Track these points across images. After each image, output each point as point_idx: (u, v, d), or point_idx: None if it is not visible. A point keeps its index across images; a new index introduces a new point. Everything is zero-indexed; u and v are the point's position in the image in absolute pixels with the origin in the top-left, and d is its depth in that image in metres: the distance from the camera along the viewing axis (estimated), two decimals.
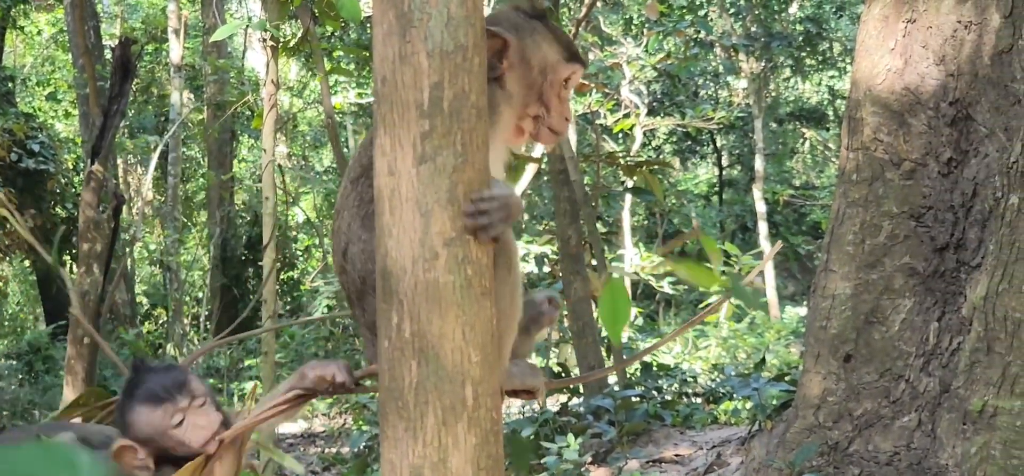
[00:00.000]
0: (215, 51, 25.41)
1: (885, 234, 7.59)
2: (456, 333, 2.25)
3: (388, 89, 2.26)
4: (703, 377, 14.81)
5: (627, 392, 11.30)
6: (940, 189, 7.50)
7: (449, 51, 2.23)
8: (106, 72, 16.32)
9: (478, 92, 2.28)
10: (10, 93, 21.35)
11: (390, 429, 2.30)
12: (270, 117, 10.41)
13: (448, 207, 2.23)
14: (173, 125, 22.91)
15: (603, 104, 21.07)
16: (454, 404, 2.25)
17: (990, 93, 7.23)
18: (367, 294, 2.76)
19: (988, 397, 6.58)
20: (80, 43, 17.31)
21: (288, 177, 28.60)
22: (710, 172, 37.58)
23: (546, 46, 2.91)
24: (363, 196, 2.77)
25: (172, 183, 24.49)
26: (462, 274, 2.24)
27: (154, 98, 28.12)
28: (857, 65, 7.94)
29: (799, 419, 7.91)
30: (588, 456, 9.99)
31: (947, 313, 7.40)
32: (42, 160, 19.48)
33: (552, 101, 2.93)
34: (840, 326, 7.70)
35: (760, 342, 20.81)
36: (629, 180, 17.91)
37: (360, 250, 2.75)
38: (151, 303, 27.77)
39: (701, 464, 9.20)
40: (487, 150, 2.31)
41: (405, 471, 2.28)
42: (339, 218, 2.84)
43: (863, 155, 7.73)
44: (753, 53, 25.89)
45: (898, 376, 7.48)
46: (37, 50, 31.81)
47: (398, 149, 2.24)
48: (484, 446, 2.29)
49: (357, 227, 2.76)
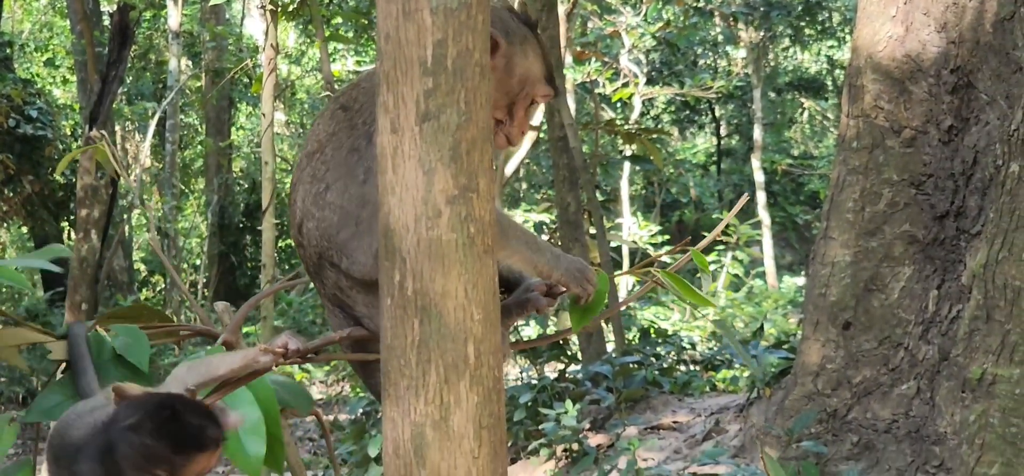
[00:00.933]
0: (213, 18, 25.35)
1: (885, 202, 7.59)
2: (458, 291, 2.24)
3: (391, 46, 2.24)
4: (701, 345, 14.83)
5: (625, 359, 11.31)
6: (940, 157, 7.50)
7: (453, 9, 2.22)
8: (104, 38, 16.27)
9: (482, 50, 2.27)
10: (8, 59, 21.29)
11: (392, 387, 2.30)
12: (269, 81, 10.40)
13: (451, 165, 2.22)
14: (171, 92, 22.85)
15: (602, 73, 21.04)
16: (456, 362, 2.25)
17: (991, 61, 7.22)
18: (324, 268, 2.78)
19: (987, 365, 6.58)
20: (78, 9, 17.28)
21: (286, 145, 28.60)
22: (709, 141, 37.54)
23: (533, 60, 2.90)
24: (316, 173, 2.77)
25: (170, 150, 24.46)
26: (465, 232, 2.23)
27: (152, 65, 28.07)
28: (858, 32, 7.92)
29: (798, 387, 7.93)
30: (586, 422, 10.00)
31: (947, 281, 7.40)
32: (40, 126, 19.44)
33: (519, 112, 2.92)
34: (839, 294, 7.70)
35: (758, 311, 20.83)
36: (628, 148, 17.89)
37: (314, 226, 2.75)
38: (149, 270, 27.78)
39: (699, 431, 9.21)
40: (490, 108, 2.30)
41: (407, 429, 2.27)
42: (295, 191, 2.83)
43: (863, 122, 7.72)
44: (752, 22, 25.84)
45: (897, 344, 7.49)
46: (35, 16, 31.73)
47: (401, 106, 2.23)
48: (486, 404, 2.28)
49: (309, 204, 2.76)
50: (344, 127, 2.78)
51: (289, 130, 30.07)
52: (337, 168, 2.72)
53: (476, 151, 2.25)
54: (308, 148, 2.83)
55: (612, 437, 9.54)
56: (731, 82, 28.99)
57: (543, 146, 18.49)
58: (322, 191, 2.73)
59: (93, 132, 9.76)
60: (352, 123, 2.77)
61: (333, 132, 2.78)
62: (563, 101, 12.98)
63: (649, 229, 25.01)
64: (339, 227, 2.70)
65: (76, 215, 13.20)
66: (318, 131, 2.83)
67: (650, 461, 8.71)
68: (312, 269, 2.82)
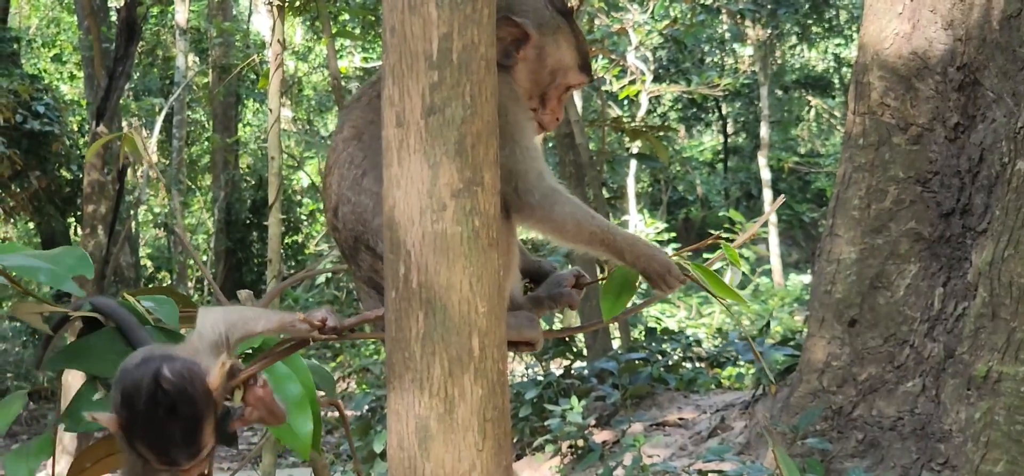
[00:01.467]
0: (220, 14, 25.36)
1: (891, 199, 7.58)
2: (463, 284, 2.24)
3: (397, 39, 2.25)
4: (707, 342, 14.83)
5: (631, 355, 11.31)
6: (947, 154, 7.49)
7: (459, 2, 2.22)
8: (111, 34, 16.27)
9: (487, 44, 2.27)
10: (15, 54, 21.29)
11: (396, 380, 2.30)
12: (276, 78, 10.40)
13: (456, 158, 2.22)
14: (178, 88, 22.90)
15: (609, 70, 21.03)
16: (461, 355, 2.25)
17: (998, 58, 7.21)
18: (360, 250, 2.76)
19: (992, 362, 6.58)
20: (85, 4, 17.27)
21: (293, 141, 28.61)
22: (715, 139, 37.51)
23: (566, 49, 2.87)
24: (353, 158, 2.76)
25: (177, 146, 24.49)
26: (470, 225, 2.24)
27: (159, 60, 28.09)
28: (865, 29, 7.91)
29: (803, 383, 7.93)
30: (592, 419, 10.02)
31: (952, 278, 7.40)
32: (47, 122, 19.43)
33: (551, 100, 2.91)
34: (845, 291, 7.70)
35: (764, 309, 20.85)
36: (635, 145, 17.88)
37: (350, 210, 2.74)
38: (156, 266, 27.80)
39: (705, 427, 9.21)
40: (495, 102, 2.31)
41: (411, 422, 2.28)
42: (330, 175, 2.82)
43: (870, 119, 7.71)
44: (759, 20, 25.82)
45: (903, 341, 7.49)
46: (42, 11, 31.75)
47: (407, 100, 2.23)
48: (490, 397, 2.28)
49: (346, 188, 2.75)
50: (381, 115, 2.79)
51: (296, 126, 30.08)
52: (375, 155, 2.72)
53: (481, 145, 2.25)
54: (344, 133, 2.81)
55: (617, 433, 9.55)
56: (738, 79, 28.95)
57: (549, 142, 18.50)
58: (359, 177, 2.72)
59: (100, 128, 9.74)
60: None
61: (371, 119, 2.77)
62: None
63: (655, 226, 25.02)
64: (375, 212, 2.69)
65: (83, 211, 13.23)
66: (354, 117, 2.81)
67: (655, 458, 8.72)
68: (347, 251, 2.82)
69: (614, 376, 10.70)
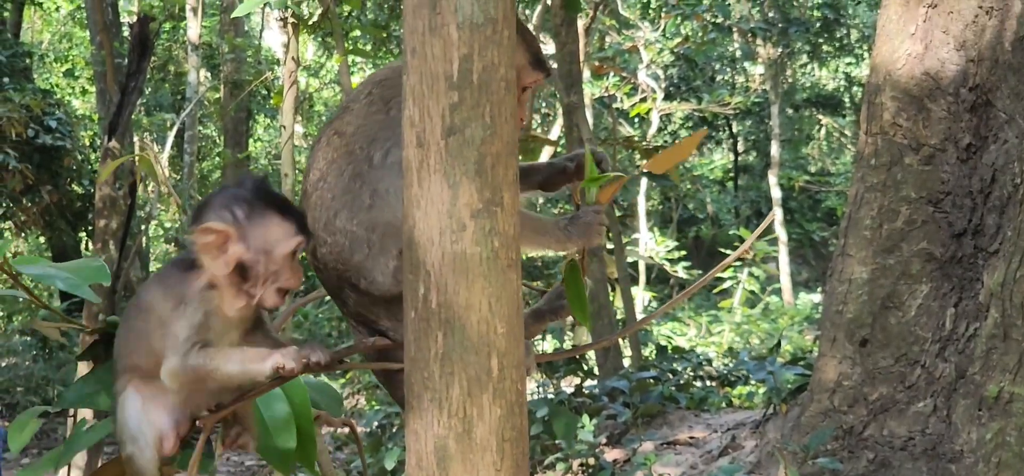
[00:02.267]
0: (233, 29, 25.41)
1: (903, 219, 7.58)
2: (482, 304, 2.25)
3: (417, 60, 2.26)
4: (717, 361, 14.82)
5: (642, 374, 11.32)
6: (959, 175, 7.49)
7: (479, 23, 2.23)
8: (124, 49, 16.30)
9: (507, 65, 2.28)
10: (27, 69, 21.38)
11: (415, 399, 2.31)
12: (290, 94, 10.44)
13: (476, 179, 2.23)
14: (190, 103, 22.94)
15: (620, 87, 21.05)
16: (479, 375, 2.26)
17: (1010, 79, 7.21)
18: (343, 288, 2.78)
19: (1004, 383, 6.58)
20: (98, 20, 17.30)
21: (304, 157, 28.62)
22: (726, 157, 37.51)
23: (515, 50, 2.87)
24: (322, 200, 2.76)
25: (188, 161, 24.53)
26: (489, 246, 2.25)
27: (171, 76, 28.14)
28: (877, 49, 7.92)
29: (814, 403, 7.92)
30: (603, 437, 10.02)
31: (964, 299, 7.39)
32: (59, 136, 19.49)
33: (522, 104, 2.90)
34: (856, 310, 7.70)
35: (774, 328, 20.82)
36: (644, 163, 17.87)
37: (328, 251, 2.76)
38: None
39: (716, 447, 9.20)
40: (514, 123, 2.32)
41: (430, 441, 2.29)
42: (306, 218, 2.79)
43: (882, 140, 7.71)
44: (770, 38, 25.83)
45: (914, 361, 7.48)
46: (55, 26, 31.86)
47: (427, 120, 2.25)
48: (509, 417, 2.29)
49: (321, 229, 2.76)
50: (342, 154, 2.77)
51: (307, 142, 30.13)
52: (342, 195, 2.73)
53: (501, 165, 2.26)
54: (311, 176, 2.82)
55: (629, 452, 9.55)
56: (749, 98, 28.98)
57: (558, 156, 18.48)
58: (331, 218, 2.74)
59: (112, 143, 9.77)
60: (350, 149, 2.77)
61: (332, 159, 2.78)
62: (581, 115, 13.01)
63: (666, 245, 25.03)
64: (352, 251, 2.71)
65: (94, 226, 13.24)
66: (317, 159, 2.82)
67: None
68: (332, 289, 2.82)
69: (625, 395, 10.70)
